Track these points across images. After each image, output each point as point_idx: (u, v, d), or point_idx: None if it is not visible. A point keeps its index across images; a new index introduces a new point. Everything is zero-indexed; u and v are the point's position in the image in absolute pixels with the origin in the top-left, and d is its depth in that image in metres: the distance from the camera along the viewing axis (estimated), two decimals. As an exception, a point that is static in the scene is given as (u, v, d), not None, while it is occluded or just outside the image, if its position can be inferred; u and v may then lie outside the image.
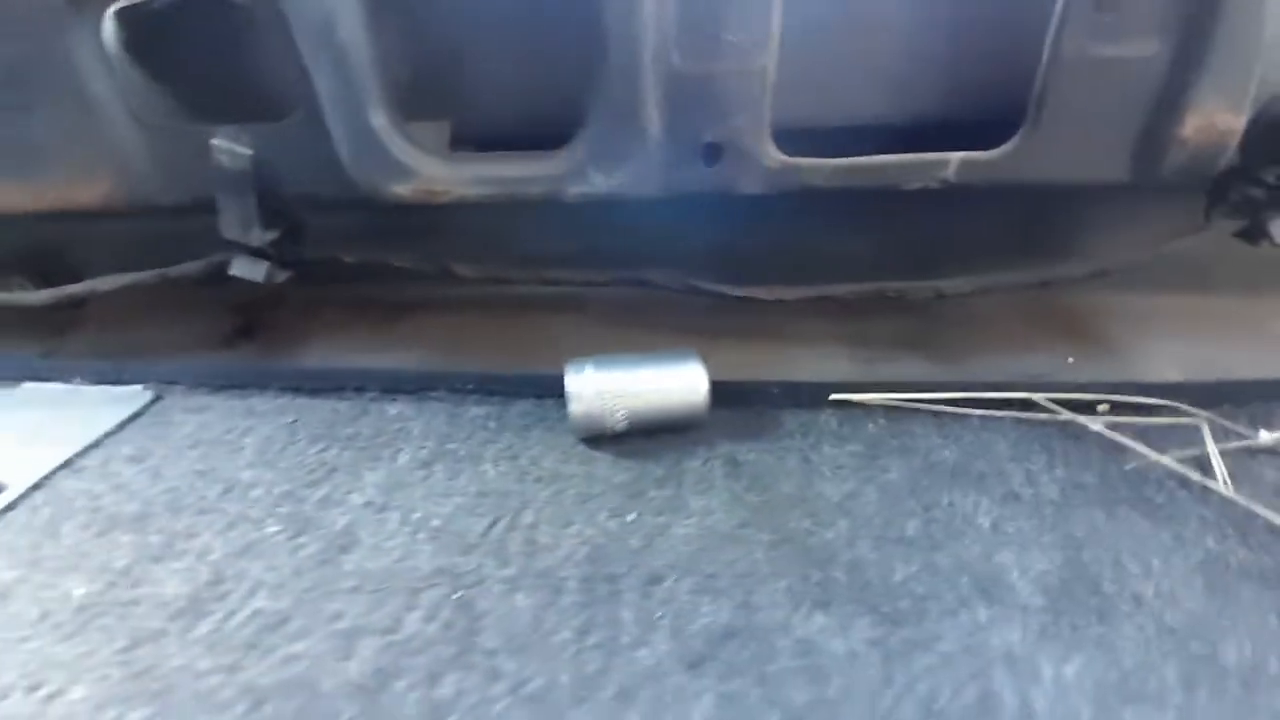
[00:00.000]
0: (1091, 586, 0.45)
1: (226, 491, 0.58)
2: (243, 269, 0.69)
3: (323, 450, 0.63)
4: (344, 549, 0.52)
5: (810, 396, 0.66)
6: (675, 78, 0.55)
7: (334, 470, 0.60)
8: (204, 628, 0.46)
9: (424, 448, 0.63)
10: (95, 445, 0.66)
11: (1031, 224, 0.72)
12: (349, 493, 0.58)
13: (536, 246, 0.77)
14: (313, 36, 0.54)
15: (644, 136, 0.58)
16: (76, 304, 0.88)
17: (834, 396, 0.65)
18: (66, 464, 0.64)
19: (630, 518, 0.53)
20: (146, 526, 0.55)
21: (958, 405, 0.63)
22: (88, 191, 0.65)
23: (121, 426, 0.69)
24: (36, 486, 0.61)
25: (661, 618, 0.45)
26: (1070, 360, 0.70)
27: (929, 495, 0.53)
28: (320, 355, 0.80)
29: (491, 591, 0.47)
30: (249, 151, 0.61)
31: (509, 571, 0.49)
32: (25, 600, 0.49)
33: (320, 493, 0.58)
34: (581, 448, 0.61)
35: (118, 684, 0.42)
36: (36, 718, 0.40)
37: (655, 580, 0.47)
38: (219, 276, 0.74)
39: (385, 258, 0.75)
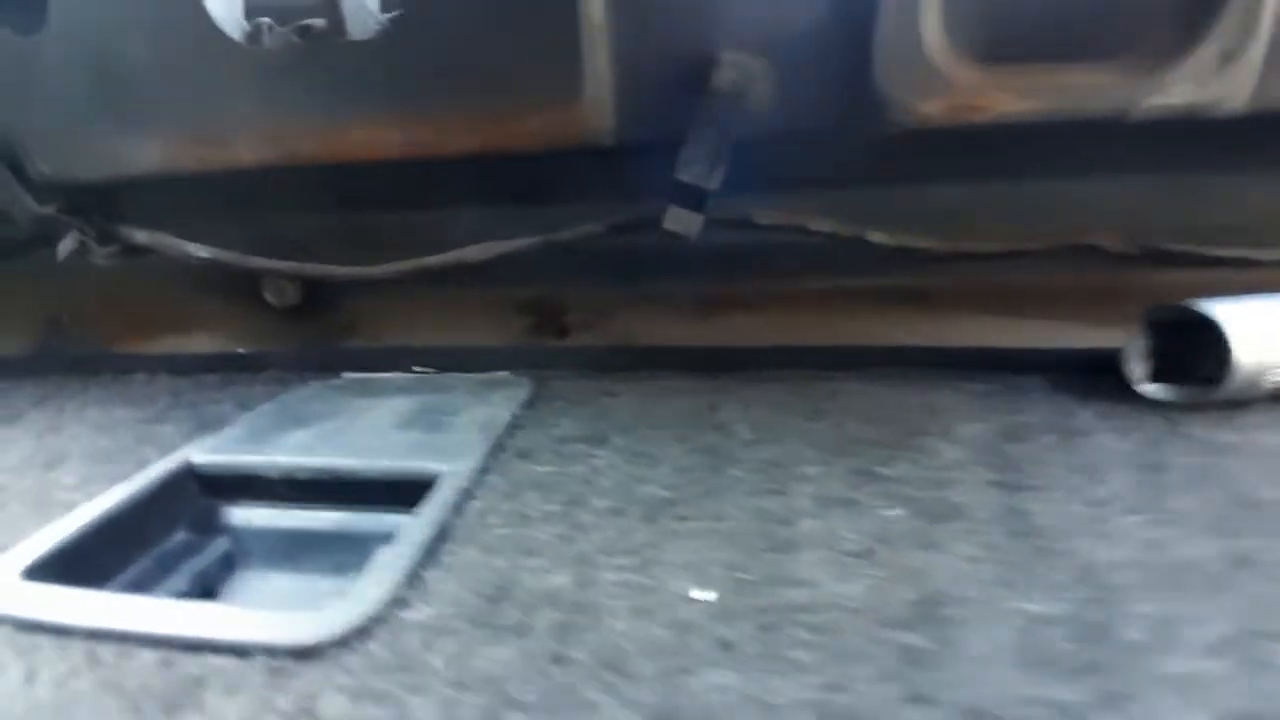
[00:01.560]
0: None
1: (787, 474, 0.42)
2: (677, 222, 0.56)
3: (831, 430, 0.48)
4: (1054, 545, 0.35)
5: None
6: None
7: (890, 450, 0.45)
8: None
9: (984, 421, 0.47)
10: (517, 427, 0.51)
11: None
12: (959, 473, 0.42)
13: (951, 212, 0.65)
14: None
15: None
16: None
17: None
18: (499, 447, 0.48)
19: None
20: (757, 515, 0.39)
21: None
22: (532, 125, 0.54)
23: (526, 409, 0.55)
24: (485, 470, 0.45)
25: None
26: None
27: None
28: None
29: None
30: (759, 62, 0.51)
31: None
32: (654, 616, 0.32)
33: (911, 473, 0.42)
34: (1212, 413, 0.46)
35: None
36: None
37: None
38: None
39: (801, 221, 0.64)
